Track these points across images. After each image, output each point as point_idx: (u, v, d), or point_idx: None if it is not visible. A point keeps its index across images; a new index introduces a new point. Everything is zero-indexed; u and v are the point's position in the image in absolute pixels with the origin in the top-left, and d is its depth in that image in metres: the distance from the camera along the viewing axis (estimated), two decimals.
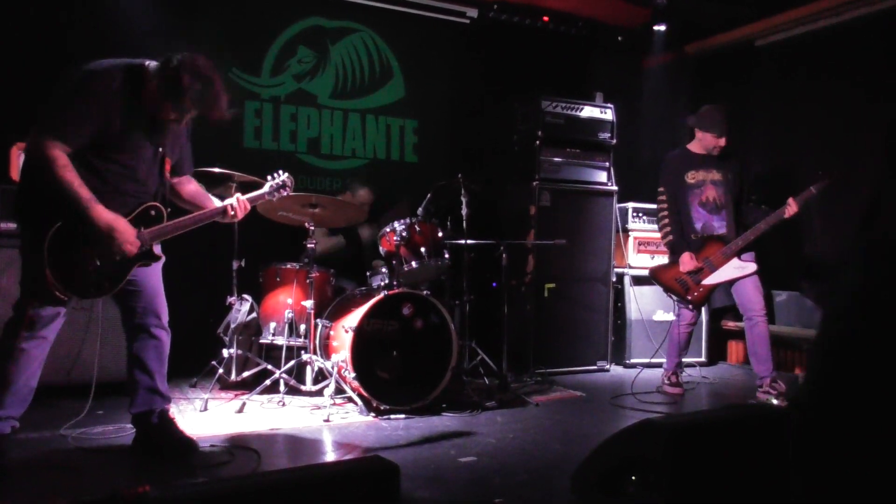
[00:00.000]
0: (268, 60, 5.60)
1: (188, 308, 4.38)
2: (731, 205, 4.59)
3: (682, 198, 4.67)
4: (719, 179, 4.61)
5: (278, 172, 3.53)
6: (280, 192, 3.50)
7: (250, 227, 4.38)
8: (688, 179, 4.66)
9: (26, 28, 4.63)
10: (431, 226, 4.30)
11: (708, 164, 4.64)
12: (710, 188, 4.61)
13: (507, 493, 2.72)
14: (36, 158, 2.72)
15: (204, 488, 1.78)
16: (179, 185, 3.23)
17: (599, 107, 5.72)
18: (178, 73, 2.76)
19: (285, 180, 3.51)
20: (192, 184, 3.30)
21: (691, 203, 4.64)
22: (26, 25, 4.64)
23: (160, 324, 3.12)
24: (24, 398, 2.87)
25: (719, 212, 4.59)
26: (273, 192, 3.48)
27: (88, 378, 3.55)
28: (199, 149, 3.36)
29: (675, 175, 4.70)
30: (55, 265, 2.72)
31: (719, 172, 4.61)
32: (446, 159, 6.05)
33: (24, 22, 4.64)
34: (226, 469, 2.94)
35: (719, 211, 4.59)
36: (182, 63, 2.77)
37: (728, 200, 4.59)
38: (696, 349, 5.71)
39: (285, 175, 3.52)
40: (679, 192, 4.68)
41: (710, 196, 4.61)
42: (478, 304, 4.73)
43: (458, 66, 6.21)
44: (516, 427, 3.75)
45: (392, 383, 3.98)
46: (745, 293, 4.47)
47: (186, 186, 3.27)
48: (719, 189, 4.60)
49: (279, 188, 3.50)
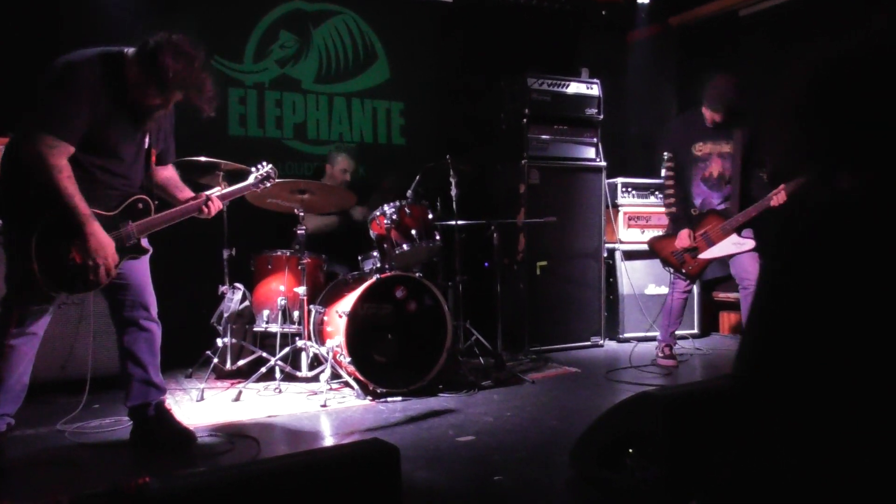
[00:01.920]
0: (250, 46, 5.53)
1: (181, 299, 4.38)
2: (739, 177, 4.49)
3: (686, 170, 4.65)
4: (727, 152, 4.53)
5: (262, 164, 3.52)
6: (264, 182, 3.49)
7: (240, 215, 4.37)
8: (695, 151, 4.62)
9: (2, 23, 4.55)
10: (422, 208, 4.29)
11: (717, 134, 4.55)
12: (717, 162, 4.56)
13: (506, 470, 2.74)
14: (34, 162, 2.62)
15: (205, 478, 1.78)
16: (155, 171, 3.16)
17: (586, 82, 5.70)
18: (158, 54, 2.69)
19: (269, 171, 3.50)
20: (167, 170, 3.22)
21: (694, 177, 4.62)
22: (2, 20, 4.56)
23: (149, 316, 3.09)
24: (18, 395, 2.85)
25: (722, 187, 4.55)
26: (258, 184, 3.48)
27: (83, 373, 3.53)
28: (183, 138, 3.33)
29: (683, 143, 4.65)
30: (43, 260, 2.69)
31: (728, 144, 4.52)
32: (434, 141, 6.01)
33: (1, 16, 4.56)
34: (226, 458, 2.95)
35: (722, 186, 4.55)
36: (160, 43, 2.71)
37: (736, 173, 4.49)
38: (689, 321, 5.74)
39: (269, 166, 3.51)
40: (685, 163, 4.65)
41: (714, 171, 4.56)
42: (470, 285, 4.72)
43: (443, 45, 6.16)
44: (513, 405, 3.77)
45: (388, 366, 3.99)
46: (742, 263, 4.47)
47: (161, 173, 3.18)
48: (727, 162, 4.53)
49: (263, 179, 3.49)
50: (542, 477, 2.68)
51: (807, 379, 1.04)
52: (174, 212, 3.06)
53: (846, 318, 1.01)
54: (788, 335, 1.07)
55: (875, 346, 0.98)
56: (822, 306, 1.03)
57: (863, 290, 1.00)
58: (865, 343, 0.99)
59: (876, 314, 0.99)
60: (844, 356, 1.00)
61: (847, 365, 1.00)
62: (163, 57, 2.68)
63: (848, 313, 1.01)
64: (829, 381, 1.02)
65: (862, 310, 1.00)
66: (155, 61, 2.69)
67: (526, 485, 2.62)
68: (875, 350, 0.98)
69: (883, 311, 0.98)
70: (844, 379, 1.00)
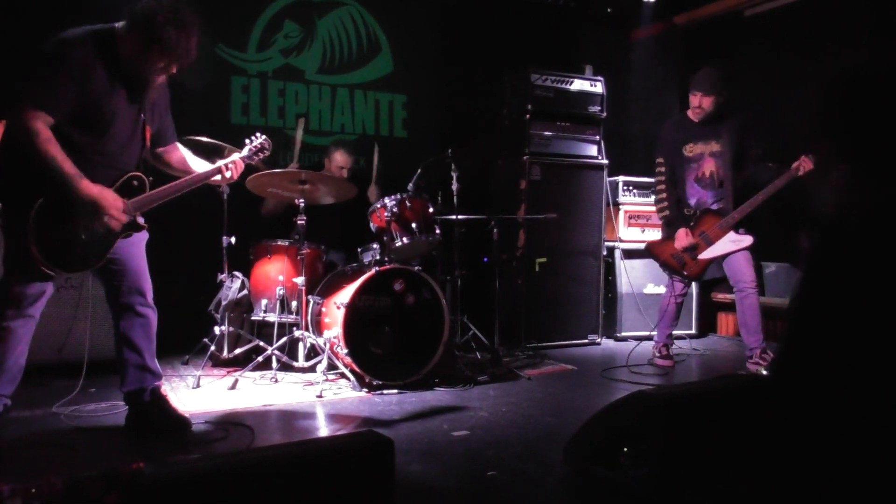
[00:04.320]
0: (254, 36, 5.52)
1: (179, 285, 4.39)
2: (731, 176, 4.50)
3: (679, 173, 4.64)
4: (718, 150, 4.54)
5: (256, 135, 3.51)
6: (259, 154, 3.49)
7: (240, 203, 4.37)
8: (686, 153, 4.62)
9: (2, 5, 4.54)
10: (422, 201, 4.28)
11: (706, 134, 4.56)
12: (709, 162, 4.56)
13: (500, 465, 2.74)
14: (18, 132, 2.66)
15: (198, 464, 1.78)
16: (167, 153, 3.21)
17: (589, 80, 5.69)
18: (149, 16, 2.71)
19: (263, 143, 3.49)
20: (177, 151, 3.27)
21: (687, 178, 4.62)
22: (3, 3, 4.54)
23: (145, 302, 3.09)
24: (14, 377, 2.86)
25: (716, 187, 4.55)
26: (252, 156, 3.47)
27: (79, 356, 3.54)
28: (185, 125, 3.33)
29: (673, 146, 4.66)
30: (40, 240, 2.70)
31: (718, 143, 4.53)
32: (436, 134, 6.01)
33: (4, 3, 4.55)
34: (220, 445, 2.95)
35: (716, 186, 4.55)
36: (148, 4, 2.73)
37: (727, 172, 4.50)
38: (687, 321, 5.75)
39: (263, 137, 3.50)
40: (676, 165, 4.65)
41: (706, 171, 4.57)
42: (469, 279, 4.73)
43: (447, 39, 6.15)
44: (509, 400, 3.78)
45: (384, 359, 3.99)
46: (736, 265, 4.47)
47: (174, 154, 3.24)
48: (718, 161, 4.53)
49: (258, 151, 3.48)
50: (535, 473, 2.69)
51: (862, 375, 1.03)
52: (168, 188, 3.04)
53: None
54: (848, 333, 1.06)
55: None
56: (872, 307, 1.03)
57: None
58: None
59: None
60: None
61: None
62: (155, 16, 2.70)
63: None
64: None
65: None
66: (148, 22, 2.71)
67: (519, 480, 2.62)
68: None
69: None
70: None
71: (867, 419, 1.01)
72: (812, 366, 1.06)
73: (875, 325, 1.01)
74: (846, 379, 1.03)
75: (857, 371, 1.01)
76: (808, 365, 1.07)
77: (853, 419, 1.02)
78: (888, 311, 1.01)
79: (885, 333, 1.00)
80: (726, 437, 1.88)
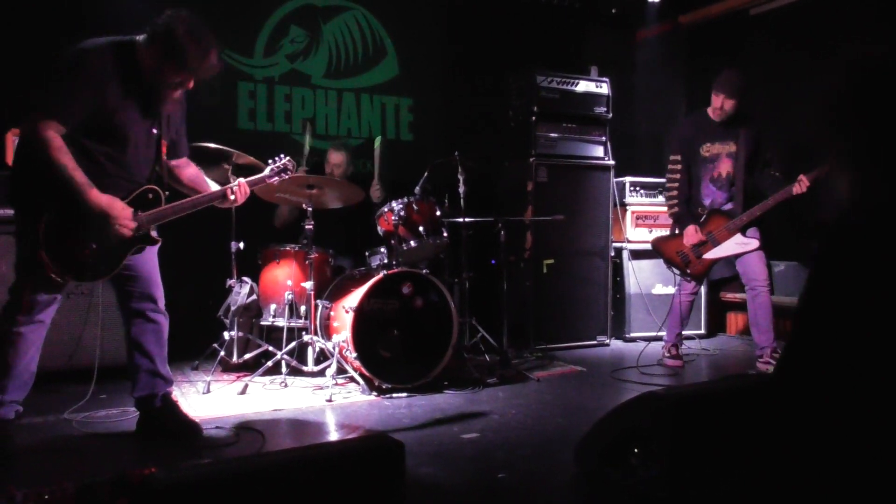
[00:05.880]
0: (260, 41, 5.55)
1: (188, 291, 4.40)
2: (744, 177, 4.48)
3: (694, 172, 4.63)
4: (734, 151, 4.51)
5: (280, 156, 3.50)
6: (281, 175, 3.48)
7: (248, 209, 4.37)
8: (703, 152, 4.60)
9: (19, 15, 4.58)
10: (429, 204, 4.29)
11: (724, 134, 4.53)
12: (725, 162, 4.54)
13: (510, 467, 2.75)
14: (31, 140, 2.68)
15: (210, 469, 1.79)
16: (178, 168, 3.21)
17: (595, 81, 5.68)
18: (170, 29, 2.73)
19: (286, 163, 3.48)
20: (191, 167, 3.27)
21: (703, 178, 4.61)
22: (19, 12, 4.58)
23: (157, 308, 3.11)
24: (26, 382, 2.87)
25: (730, 187, 4.54)
26: (274, 176, 3.47)
27: (90, 362, 3.56)
28: (193, 131, 3.33)
29: (690, 145, 4.63)
30: (51, 248, 2.71)
31: (735, 143, 4.50)
32: (442, 137, 6.02)
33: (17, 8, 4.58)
34: (231, 450, 2.96)
35: (730, 186, 4.53)
36: (169, 19, 2.76)
37: (740, 173, 4.48)
38: (696, 321, 5.73)
39: (286, 158, 3.49)
40: (693, 165, 4.64)
41: (722, 171, 4.54)
42: (477, 282, 4.73)
43: (452, 42, 6.16)
44: (518, 402, 3.77)
45: (393, 362, 3.99)
46: (750, 264, 4.44)
47: (186, 170, 3.24)
48: (734, 162, 4.51)
49: (280, 171, 3.47)
50: (545, 474, 2.69)
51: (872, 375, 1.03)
52: (185, 203, 3.06)
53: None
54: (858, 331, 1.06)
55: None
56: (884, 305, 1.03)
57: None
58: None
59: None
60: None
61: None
62: (175, 29, 2.73)
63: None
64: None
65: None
66: (168, 36, 2.74)
67: (530, 482, 2.62)
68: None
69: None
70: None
71: (871, 418, 1.01)
72: (816, 365, 1.06)
73: (881, 326, 1.01)
74: (850, 378, 1.03)
75: (861, 371, 1.01)
76: (813, 364, 1.07)
77: (857, 418, 1.02)
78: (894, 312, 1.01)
79: (890, 334, 1.00)
80: (736, 438, 1.87)
